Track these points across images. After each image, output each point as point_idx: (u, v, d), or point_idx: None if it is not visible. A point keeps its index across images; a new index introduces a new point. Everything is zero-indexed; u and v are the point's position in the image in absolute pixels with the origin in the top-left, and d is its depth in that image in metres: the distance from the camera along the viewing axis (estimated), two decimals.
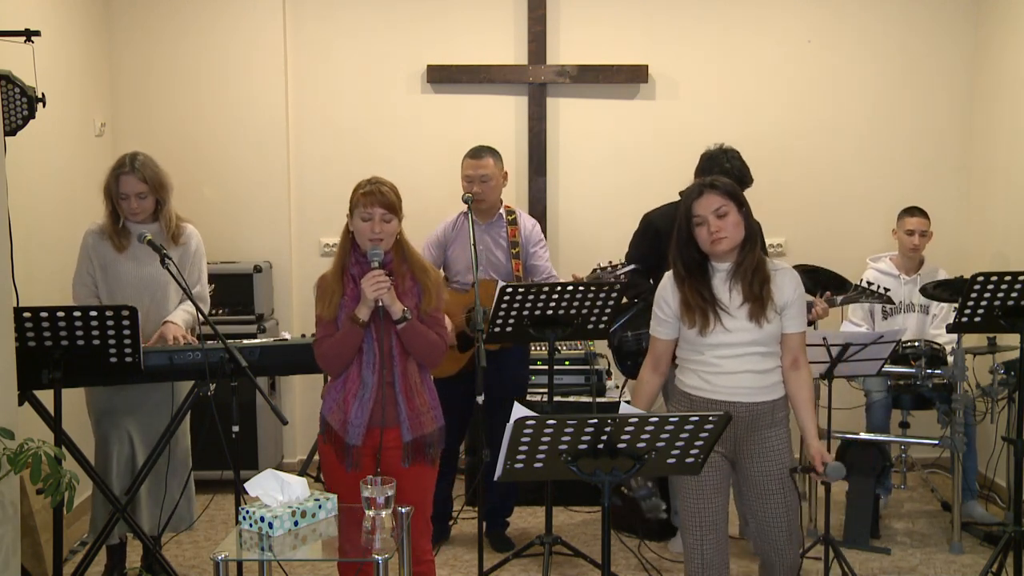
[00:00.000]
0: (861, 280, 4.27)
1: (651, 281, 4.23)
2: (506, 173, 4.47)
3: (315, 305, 3.12)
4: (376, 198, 2.99)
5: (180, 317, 3.79)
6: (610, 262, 4.17)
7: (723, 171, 3.90)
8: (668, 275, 3.10)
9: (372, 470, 3.03)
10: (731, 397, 2.97)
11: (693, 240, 3.01)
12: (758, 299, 2.95)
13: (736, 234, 2.97)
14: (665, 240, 4.10)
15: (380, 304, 2.97)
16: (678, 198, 4.25)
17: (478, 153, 4.38)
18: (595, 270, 4.16)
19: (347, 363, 3.06)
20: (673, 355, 3.13)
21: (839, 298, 4.23)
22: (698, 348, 3.00)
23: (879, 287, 4.20)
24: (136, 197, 3.71)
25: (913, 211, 5.02)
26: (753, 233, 3.01)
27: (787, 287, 3.02)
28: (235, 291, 5.17)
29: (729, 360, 2.96)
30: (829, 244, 5.51)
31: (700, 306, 2.96)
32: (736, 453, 3.03)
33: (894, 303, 4.77)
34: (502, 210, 4.45)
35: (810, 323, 4.11)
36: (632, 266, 4.14)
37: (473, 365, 4.12)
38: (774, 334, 2.99)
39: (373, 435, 3.04)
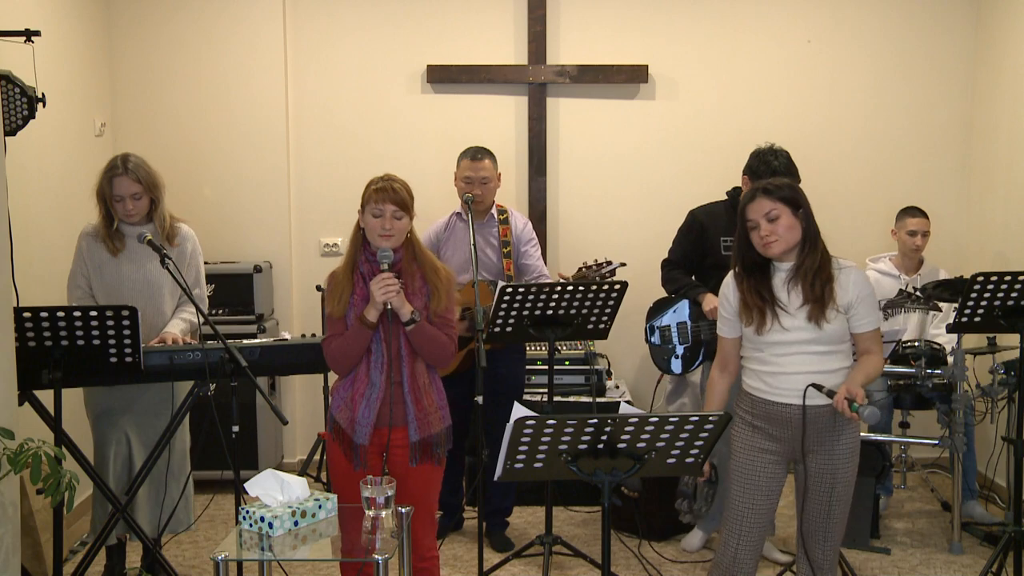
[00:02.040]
0: (906, 285, 4.25)
1: (692, 277, 4.23)
2: (499, 174, 4.48)
3: (325, 302, 3.12)
4: (388, 195, 3.00)
5: (177, 327, 3.76)
6: (595, 260, 4.17)
7: (771, 169, 3.89)
8: (731, 274, 3.13)
9: (379, 469, 3.04)
10: (788, 399, 2.97)
11: (751, 243, 3.04)
12: (819, 300, 2.95)
13: (789, 237, 2.97)
14: (709, 236, 4.14)
15: (389, 307, 2.98)
16: (724, 197, 4.27)
17: (477, 155, 4.38)
18: (581, 268, 4.16)
19: (355, 363, 3.06)
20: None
21: (883, 302, 4.23)
22: (758, 346, 3.03)
23: (909, 288, 4.16)
24: (131, 198, 3.69)
25: (914, 212, 5.01)
26: (813, 234, 3.01)
27: (851, 287, 3.00)
28: (235, 291, 5.17)
29: (786, 359, 2.97)
30: (829, 244, 5.42)
31: (757, 305, 2.99)
32: (796, 453, 3.03)
33: (940, 310, 4.73)
34: (494, 210, 4.46)
35: None
36: (619, 264, 4.14)
37: (470, 364, 4.14)
38: (836, 334, 2.97)
39: (381, 434, 3.05)
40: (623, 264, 4.20)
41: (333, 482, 3.17)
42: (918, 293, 4.17)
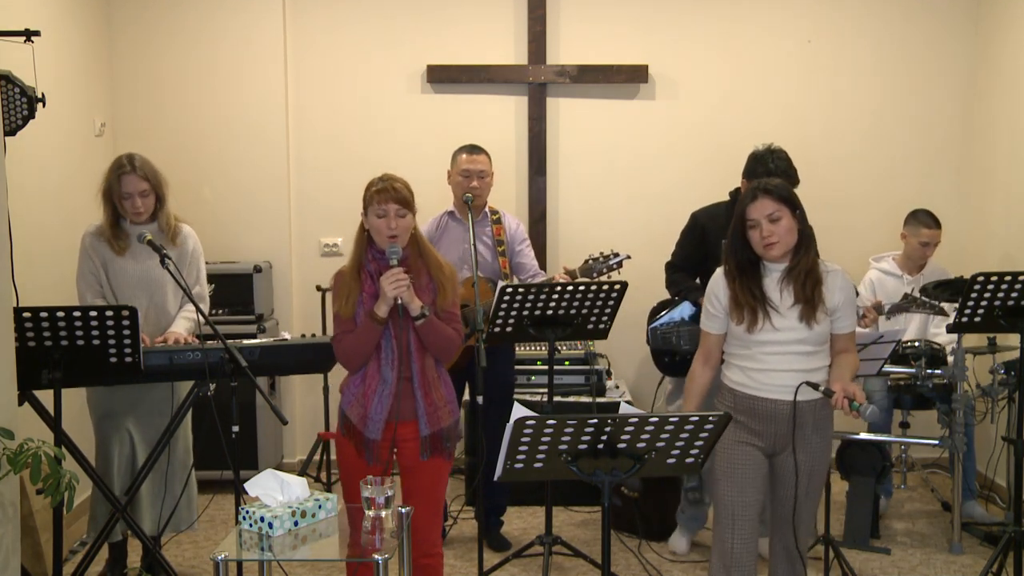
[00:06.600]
0: (912, 289, 4.28)
1: (698, 280, 4.23)
2: (493, 172, 4.47)
3: (332, 302, 3.16)
4: (389, 194, 3.04)
5: (183, 327, 3.79)
6: (601, 253, 4.17)
7: (768, 171, 3.90)
8: (719, 271, 3.15)
9: (390, 463, 3.08)
10: (774, 395, 3.02)
11: (747, 242, 3.06)
12: (809, 301, 3.00)
13: (788, 239, 3.02)
14: (711, 238, 4.14)
15: (399, 302, 3.01)
16: (726, 198, 4.26)
17: (475, 149, 4.38)
18: (587, 261, 4.16)
19: (366, 359, 3.10)
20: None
21: (887, 306, 4.24)
22: (746, 344, 3.06)
23: (914, 292, 4.18)
24: (139, 195, 3.73)
25: (929, 221, 4.90)
26: (807, 236, 3.06)
27: (837, 290, 3.06)
28: (235, 291, 5.17)
29: (775, 357, 3.01)
30: (829, 244, 5.38)
31: (749, 304, 3.01)
32: (775, 448, 3.08)
33: (947, 314, 4.72)
34: (487, 209, 4.46)
35: None
36: (625, 256, 4.14)
37: (464, 363, 4.14)
38: (822, 335, 3.04)
39: (392, 429, 3.08)
40: (629, 256, 4.19)
41: (343, 479, 3.19)
42: (924, 297, 4.18)
